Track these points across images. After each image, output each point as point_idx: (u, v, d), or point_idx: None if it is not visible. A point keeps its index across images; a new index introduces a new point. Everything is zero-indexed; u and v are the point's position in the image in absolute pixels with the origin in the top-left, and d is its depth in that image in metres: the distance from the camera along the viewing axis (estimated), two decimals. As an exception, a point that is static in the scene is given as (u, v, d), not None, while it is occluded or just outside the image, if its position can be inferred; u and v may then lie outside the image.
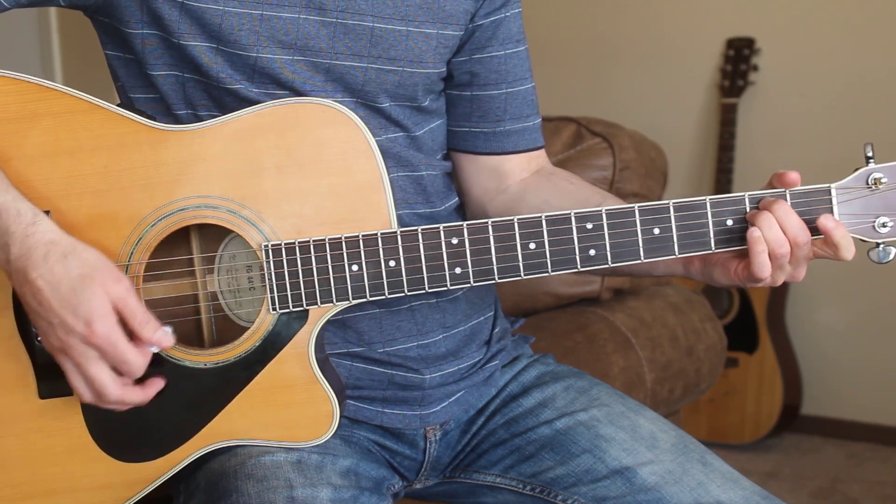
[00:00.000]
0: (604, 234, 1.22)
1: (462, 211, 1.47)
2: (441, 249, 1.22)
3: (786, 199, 1.22)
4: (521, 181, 1.45)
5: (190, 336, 1.27)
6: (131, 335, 1.15)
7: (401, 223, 1.32)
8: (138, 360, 1.15)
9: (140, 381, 1.19)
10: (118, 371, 1.16)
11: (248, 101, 1.27)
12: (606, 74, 3.88)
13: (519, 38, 1.43)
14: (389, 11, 1.31)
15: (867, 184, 1.22)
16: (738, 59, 3.58)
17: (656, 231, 1.22)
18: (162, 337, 1.16)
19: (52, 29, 4.35)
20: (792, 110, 3.58)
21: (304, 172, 1.22)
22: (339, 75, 1.30)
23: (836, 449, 3.52)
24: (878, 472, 3.33)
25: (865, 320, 3.56)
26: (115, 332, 1.14)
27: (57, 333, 1.14)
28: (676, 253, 1.23)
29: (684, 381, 2.13)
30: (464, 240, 1.22)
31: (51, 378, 1.22)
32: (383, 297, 1.23)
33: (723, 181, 3.54)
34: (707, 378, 2.21)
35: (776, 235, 1.19)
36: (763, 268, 1.20)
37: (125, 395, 1.17)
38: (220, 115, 1.24)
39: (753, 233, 1.20)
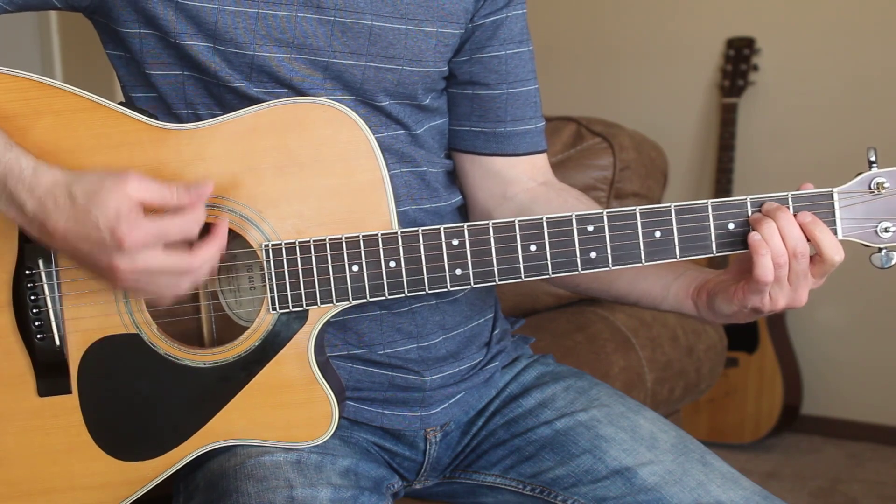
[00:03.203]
0: (605, 236, 1.22)
1: (465, 211, 1.47)
2: (441, 250, 1.22)
3: (788, 204, 1.21)
4: (527, 190, 1.44)
5: (190, 335, 1.27)
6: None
7: (407, 219, 1.32)
8: (184, 224, 1.14)
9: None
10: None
11: (248, 100, 1.26)
12: (606, 74, 3.87)
13: (521, 39, 1.42)
14: (388, 10, 1.30)
15: (870, 188, 1.21)
16: (739, 58, 3.58)
17: (657, 234, 1.22)
18: (202, 190, 1.15)
19: (53, 29, 4.35)
20: (792, 110, 3.58)
21: (305, 172, 1.22)
22: (337, 73, 1.29)
23: (836, 449, 3.52)
24: (878, 472, 3.33)
25: (865, 320, 3.56)
26: (141, 223, 1.12)
27: (102, 262, 1.13)
28: (678, 256, 1.22)
29: (684, 381, 2.13)
30: (464, 241, 1.22)
31: (50, 376, 1.23)
32: (383, 298, 1.22)
33: (723, 181, 3.54)
34: (707, 378, 2.21)
35: (776, 246, 1.19)
36: (767, 270, 1.19)
37: (199, 255, 1.15)
38: (220, 114, 1.24)
39: (755, 236, 1.19)
